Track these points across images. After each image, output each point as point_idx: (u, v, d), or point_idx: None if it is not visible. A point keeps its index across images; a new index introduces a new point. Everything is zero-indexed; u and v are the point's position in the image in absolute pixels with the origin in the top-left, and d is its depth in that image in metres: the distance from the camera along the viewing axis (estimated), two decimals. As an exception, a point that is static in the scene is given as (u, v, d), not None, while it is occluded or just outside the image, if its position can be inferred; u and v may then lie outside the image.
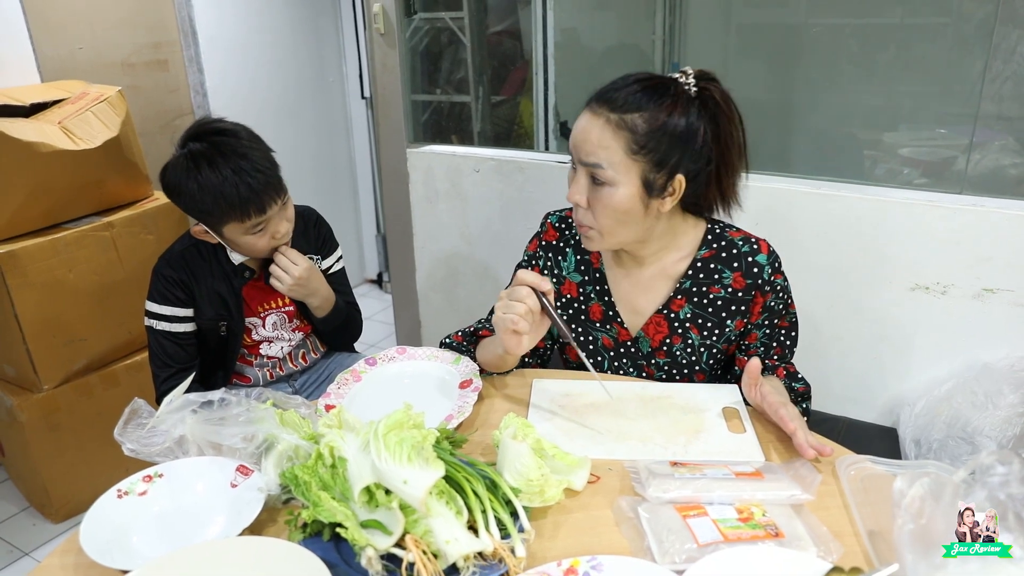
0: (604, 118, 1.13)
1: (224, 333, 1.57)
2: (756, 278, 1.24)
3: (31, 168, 1.95)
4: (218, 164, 1.37)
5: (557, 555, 0.84)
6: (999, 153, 1.81)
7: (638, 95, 1.13)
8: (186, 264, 1.52)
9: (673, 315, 1.28)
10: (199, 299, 1.53)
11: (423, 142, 2.47)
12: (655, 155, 1.13)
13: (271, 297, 1.62)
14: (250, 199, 1.38)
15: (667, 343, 1.29)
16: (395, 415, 0.89)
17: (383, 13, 2.37)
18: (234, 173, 1.37)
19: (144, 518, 0.96)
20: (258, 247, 1.47)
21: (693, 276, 1.26)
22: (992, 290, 1.65)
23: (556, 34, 2.43)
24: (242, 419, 1.03)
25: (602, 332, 1.33)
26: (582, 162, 1.15)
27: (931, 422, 1.65)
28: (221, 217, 1.40)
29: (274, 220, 1.45)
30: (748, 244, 1.25)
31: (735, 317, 1.27)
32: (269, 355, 1.66)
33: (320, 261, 1.67)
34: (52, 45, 2.55)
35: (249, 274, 1.57)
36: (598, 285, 1.32)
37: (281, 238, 1.48)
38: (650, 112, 1.12)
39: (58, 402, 2.13)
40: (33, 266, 1.99)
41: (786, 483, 0.94)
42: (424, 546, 0.80)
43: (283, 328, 1.65)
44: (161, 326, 1.53)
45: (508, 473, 0.92)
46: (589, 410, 1.18)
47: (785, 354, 1.31)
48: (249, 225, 1.42)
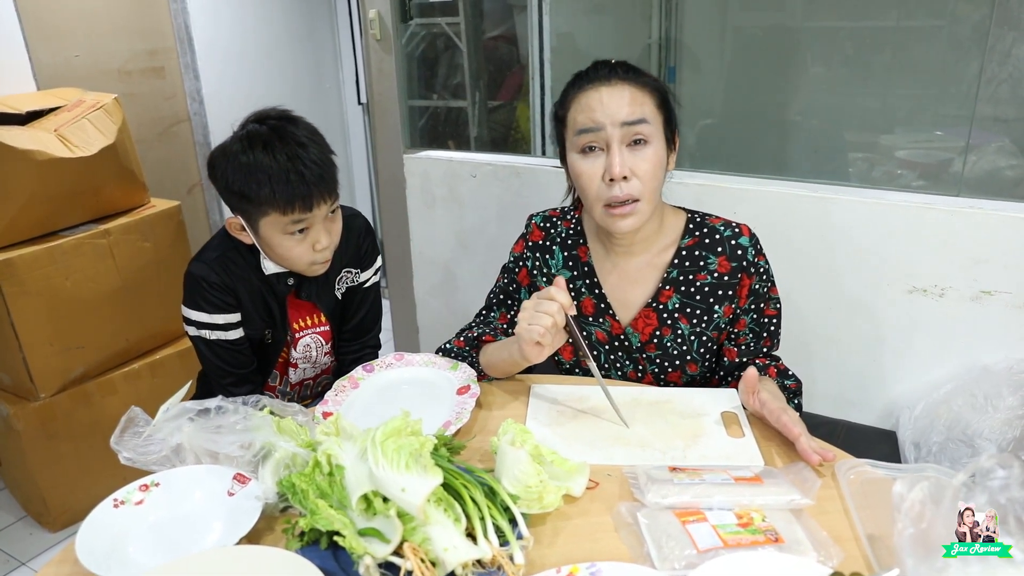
0: (628, 83, 1.19)
1: (270, 341, 1.48)
2: (741, 260, 1.26)
3: (27, 176, 1.94)
4: (274, 146, 1.27)
5: (556, 562, 0.84)
6: (995, 155, 1.82)
7: (630, 67, 1.23)
8: (226, 268, 1.41)
9: (662, 307, 1.29)
10: (244, 305, 1.43)
11: (420, 148, 2.47)
12: (667, 110, 1.23)
13: (305, 313, 1.52)
14: (299, 189, 1.27)
15: (657, 335, 1.30)
16: (393, 422, 0.89)
17: (379, 19, 2.38)
18: (288, 160, 1.27)
19: (141, 527, 0.95)
20: (294, 254, 1.35)
21: (679, 265, 1.29)
22: (990, 292, 1.65)
23: (552, 39, 2.43)
24: (239, 427, 1.03)
25: (595, 326, 1.34)
26: (626, 123, 1.17)
27: (930, 425, 1.65)
28: (263, 204, 1.28)
29: (318, 226, 1.33)
30: (729, 229, 1.28)
31: (723, 302, 1.28)
32: (292, 382, 1.58)
33: (359, 274, 1.55)
34: (48, 53, 2.55)
35: (292, 281, 1.46)
36: (588, 279, 1.33)
37: (321, 251, 1.35)
38: (647, 75, 1.23)
39: (55, 410, 2.12)
40: (30, 274, 1.99)
41: (785, 488, 0.94)
42: (422, 554, 0.80)
43: (317, 351, 1.56)
44: (215, 336, 1.41)
45: (506, 480, 0.92)
46: (587, 416, 1.18)
47: (773, 344, 1.33)
48: (290, 221, 1.30)
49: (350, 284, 1.56)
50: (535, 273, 1.38)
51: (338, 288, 1.54)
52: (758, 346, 1.31)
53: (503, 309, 1.42)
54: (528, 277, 1.39)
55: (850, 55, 2.05)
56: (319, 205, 1.31)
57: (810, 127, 2.16)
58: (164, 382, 2.33)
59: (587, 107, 1.19)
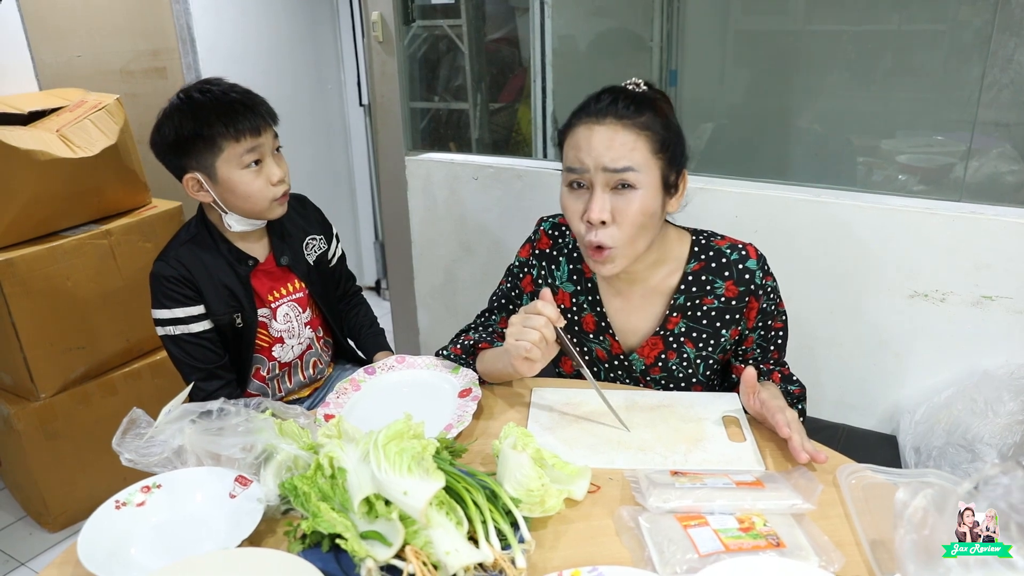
0: (621, 124, 1.13)
1: (240, 325, 1.51)
2: (748, 284, 1.24)
3: (29, 176, 1.94)
4: (210, 91, 1.40)
5: (558, 565, 0.84)
6: (997, 160, 1.82)
7: (636, 100, 1.15)
8: (183, 262, 1.46)
9: (669, 334, 1.28)
10: (206, 294, 1.47)
11: (421, 150, 2.47)
12: (670, 152, 1.16)
13: (280, 283, 1.57)
14: (245, 116, 1.38)
15: (662, 359, 1.29)
16: (395, 425, 0.89)
17: (381, 21, 2.38)
18: (223, 93, 1.40)
19: (142, 529, 0.95)
20: (254, 188, 1.41)
21: (685, 291, 1.26)
22: (991, 297, 1.65)
23: (554, 41, 2.43)
24: (241, 429, 1.03)
25: (595, 344, 1.33)
26: (608, 169, 1.12)
27: (931, 429, 1.65)
28: (216, 139, 1.38)
29: (268, 159, 1.43)
30: (736, 251, 1.25)
31: (730, 326, 1.26)
32: (282, 361, 1.61)
33: (322, 241, 1.67)
34: (50, 53, 2.55)
35: (253, 262, 1.52)
36: (590, 296, 1.32)
37: (277, 184, 1.44)
38: (656, 112, 1.15)
39: (55, 411, 2.12)
40: (31, 274, 1.99)
41: (787, 492, 0.94)
42: (424, 557, 0.80)
43: (296, 320, 1.59)
44: (178, 331, 1.46)
45: (508, 483, 0.92)
46: (589, 419, 1.18)
47: (780, 356, 1.31)
48: (244, 150, 1.39)
49: (319, 252, 1.66)
50: (539, 282, 1.37)
51: (308, 254, 1.63)
52: (766, 359, 1.30)
53: (504, 313, 1.41)
54: (532, 284, 1.38)
55: (852, 59, 2.05)
56: (265, 131, 1.42)
57: (812, 131, 2.16)
58: (165, 383, 2.33)
59: (576, 145, 1.16)
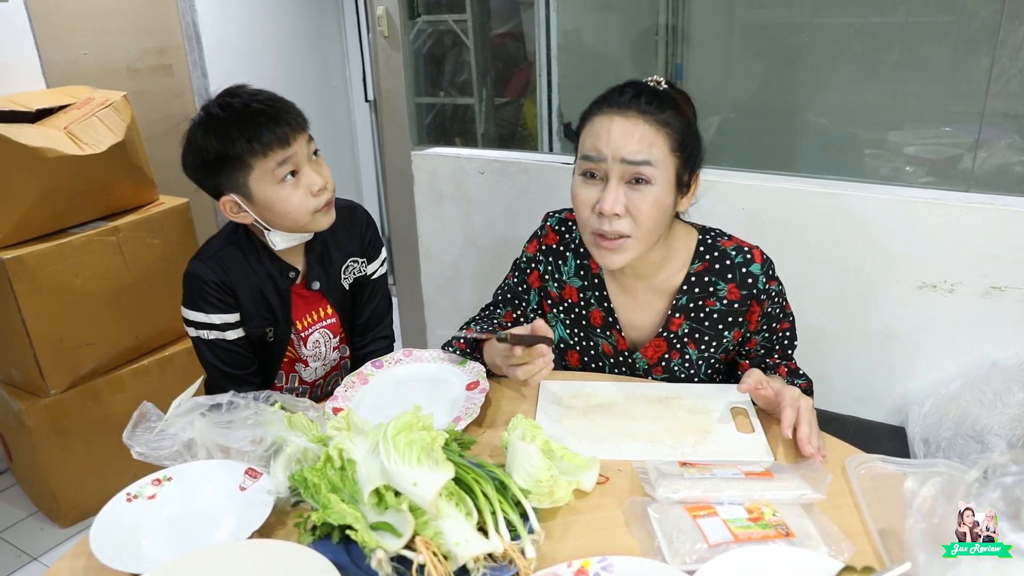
0: (643, 118, 1.13)
1: (271, 339, 1.45)
2: (751, 288, 1.23)
3: (37, 173, 1.95)
4: (230, 106, 1.29)
5: (567, 556, 0.84)
6: (1005, 151, 1.81)
7: (660, 97, 1.16)
8: (224, 267, 1.39)
9: (673, 335, 1.28)
10: (243, 303, 1.40)
11: (427, 144, 2.47)
12: (687, 152, 1.17)
13: (312, 307, 1.50)
14: (270, 126, 1.26)
15: (665, 359, 1.30)
16: (404, 417, 0.89)
17: (387, 16, 2.38)
18: (245, 105, 1.28)
19: (154, 521, 0.96)
20: (293, 203, 1.30)
21: (688, 291, 1.26)
22: (1000, 288, 1.64)
23: (559, 36, 2.43)
24: (250, 422, 1.03)
25: (602, 339, 1.33)
26: (627, 161, 1.12)
27: (940, 421, 1.65)
28: (244, 157, 1.27)
29: (305, 167, 1.31)
30: (741, 254, 1.24)
31: (732, 328, 1.26)
32: (303, 379, 1.55)
33: (365, 264, 1.55)
34: (58, 51, 2.56)
35: (295, 274, 1.44)
36: (597, 291, 1.32)
37: (319, 194, 1.32)
38: (677, 111, 1.16)
39: (65, 407, 2.13)
40: (40, 271, 2.00)
41: (796, 482, 0.94)
42: (434, 548, 0.80)
43: (325, 346, 1.53)
44: (212, 336, 1.39)
45: (517, 474, 0.92)
46: (597, 411, 1.18)
47: (786, 353, 1.31)
48: (276, 164, 1.28)
49: (357, 275, 1.54)
50: (547, 278, 1.36)
51: (344, 278, 1.52)
52: (770, 356, 1.30)
53: (509, 307, 1.41)
54: (539, 280, 1.38)
55: (859, 51, 2.04)
56: (295, 139, 1.29)
57: (819, 123, 2.16)
58: (173, 379, 2.34)
59: (595, 134, 1.15)
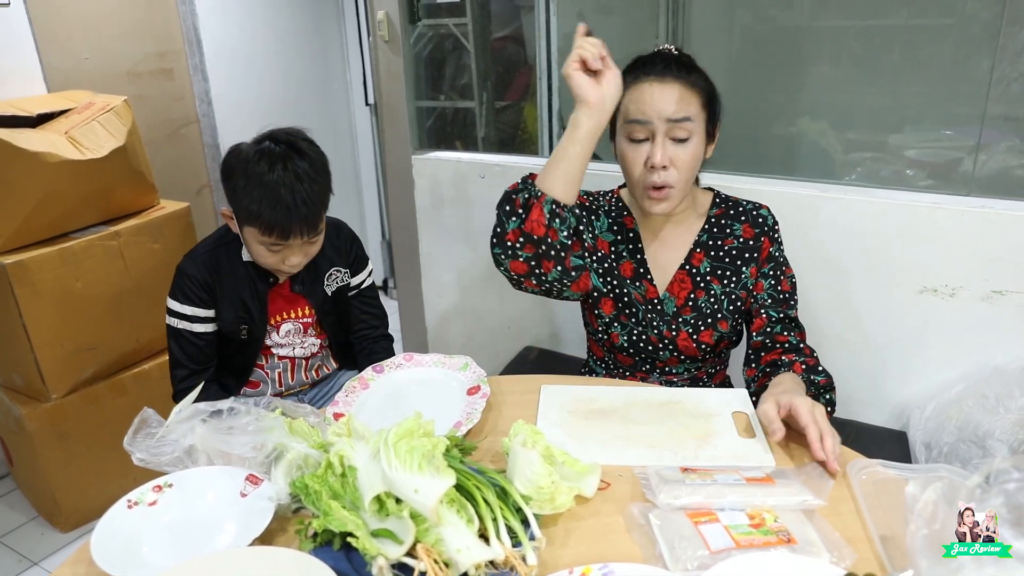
0: (679, 82, 1.30)
1: (245, 337, 1.57)
2: (762, 226, 1.43)
3: (38, 178, 1.95)
4: (275, 172, 1.37)
5: (568, 562, 0.84)
6: (1006, 154, 1.81)
7: (686, 63, 1.34)
8: (211, 264, 1.52)
9: (695, 270, 1.43)
10: (221, 301, 1.53)
11: (428, 148, 2.47)
12: (713, 107, 1.36)
13: (291, 306, 1.61)
14: (282, 221, 1.38)
15: (692, 298, 1.43)
16: (405, 423, 0.89)
17: (387, 20, 2.38)
18: (283, 190, 1.37)
19: (154, 528, 0.96)
20: (265, 261, 1.48)
21: (708, 231, 1.44)
22: (1001, 292, 1.64)
23: (559, 39, 2.43)
24: (251, 428, 1.03)
25: (632, 288, 1.44)
26: (672, 120, 1.29)
27: (941, 425, 1.64)
28: (249, 217, 1.40)
29: (293, 249, 1.45)
30: (751, 203, 1.46)
31: (749, 264, 1.42)
32: (281, 355, 1.65)
33: (347, 275, 1.67)
34: (58, 55, 2.56)
35: (273, 280, 1.56)
36: (631, 244, 1.46)
37: (290, 267, 1.47)
38: (699, 73, 1.34)
39: (66, 411, 2.13)
40: (41, 275, 2.00)
41: (797, 488, 0.94)
42: (435, 555, 0.80)
43: (296, 335, 1.64)
44: (182, 325, 1.52)
45: (518, 480, 0.92)
46: (598, 416, 1.18)
47: (790, 307, 1.41)
48: (269, 241, 1.42)
49: (340, 284, 1.66)
50: (581, 228, 1.44)
51: (328, 285, 1.63)
52: (778, 310, 1.39)
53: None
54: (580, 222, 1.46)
55: (859, 54, 2.04)
56: (295, 238, 1.42)
57: (819, 126, 2.15)
58: (174, 383, 2.34)
59: (639, 99, 1.30)
